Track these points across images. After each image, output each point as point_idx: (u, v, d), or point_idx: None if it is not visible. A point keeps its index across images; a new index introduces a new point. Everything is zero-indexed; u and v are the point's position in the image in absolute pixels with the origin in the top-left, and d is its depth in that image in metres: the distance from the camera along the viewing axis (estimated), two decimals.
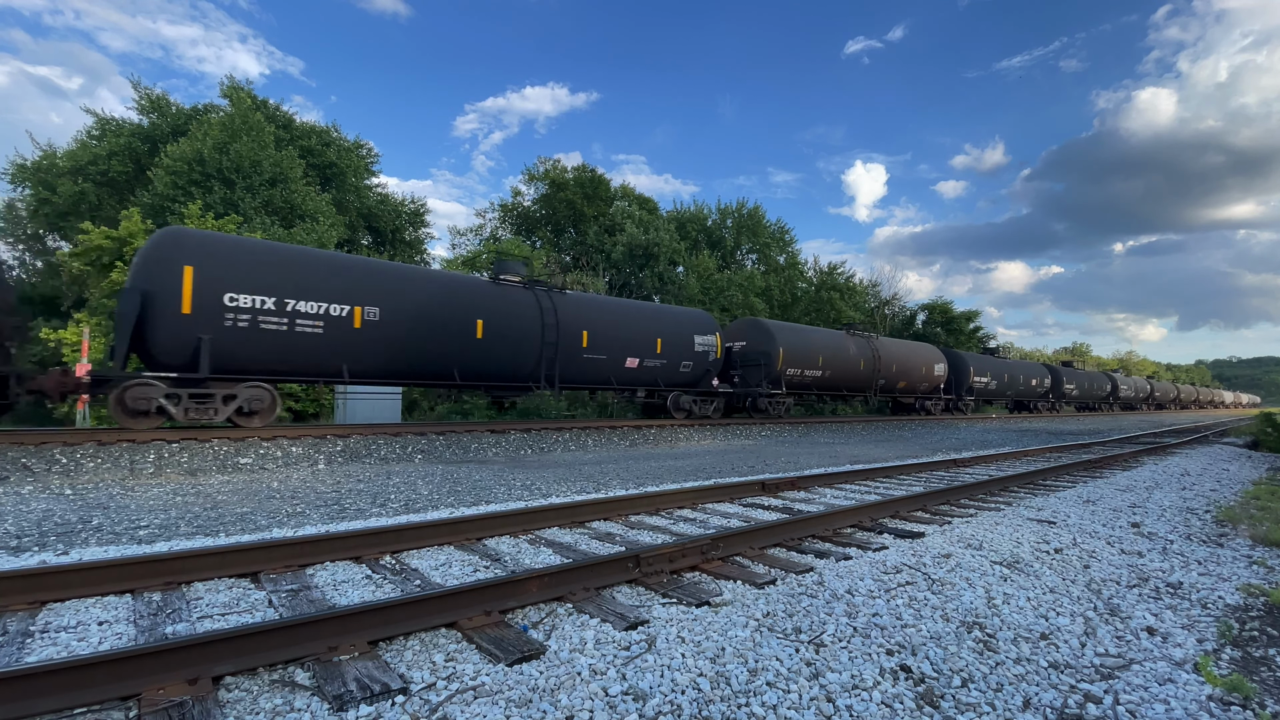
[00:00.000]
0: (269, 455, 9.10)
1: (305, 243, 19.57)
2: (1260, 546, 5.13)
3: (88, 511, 5.62)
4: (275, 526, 5.18)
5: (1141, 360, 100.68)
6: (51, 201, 21.97)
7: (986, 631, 3.05)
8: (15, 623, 2.96)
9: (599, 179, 34.80)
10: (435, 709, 2.17)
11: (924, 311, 44.07)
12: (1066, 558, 4.46)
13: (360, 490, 7.00)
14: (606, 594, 3.45)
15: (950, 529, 5.18)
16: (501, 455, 10.92)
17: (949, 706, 2.36)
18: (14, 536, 4.72)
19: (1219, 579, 4.22)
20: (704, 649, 2.68)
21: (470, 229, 35.23)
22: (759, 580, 3.68)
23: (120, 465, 7.95)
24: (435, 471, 8.61)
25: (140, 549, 4.34)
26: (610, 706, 2.23)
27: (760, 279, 32.52)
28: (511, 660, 2.55)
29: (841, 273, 37.89)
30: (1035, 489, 7.74)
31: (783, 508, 6.25)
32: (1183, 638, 3.20)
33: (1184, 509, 6.66)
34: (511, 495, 6.87)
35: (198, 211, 17.31)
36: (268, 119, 23.38)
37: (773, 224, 38.45)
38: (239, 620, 3.07)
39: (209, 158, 20.02)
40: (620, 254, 31.72)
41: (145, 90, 24.46)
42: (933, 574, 3.83)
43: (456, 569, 3.98)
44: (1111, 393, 46.61)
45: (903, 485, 7.94)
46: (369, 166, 28.67)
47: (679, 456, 11.22)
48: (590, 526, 5.25)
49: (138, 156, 22.98)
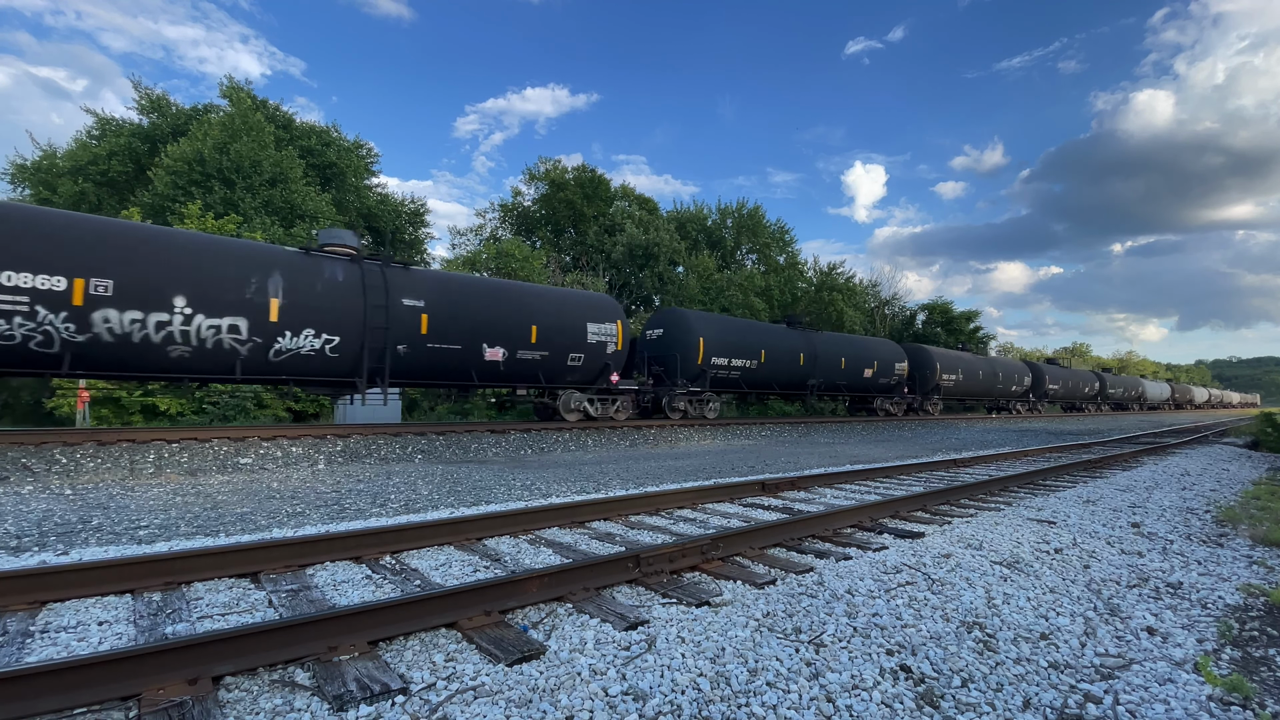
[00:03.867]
0: (269, 455, 9.10)
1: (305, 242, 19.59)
2: (1260, 546, 5.13)
3: (88, 511, 5.62)
4: (275, 526, 5.18)
5: (1141, 360, 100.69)
6: (52, 202, 21.98)
7: (986, 631, 3.04)
8: (15, 623, 2.96)
9: (599, 179, 34.82)
10: (435, 709, 2.17)
11: (924, 312, 44.15)
12: (1066, 558, 4.46)
13: (360, 490, 7.00)
14: (606, 594, 3.45)
15: (950, 529, 5.17)
16: (501, 455, 10.91)
17: (949, 706, 2.36)
18: (14, 536, 4.73)
19: (1219, 579, 4.22)
20: (704, 649, 2.68)
21: (470, 229, 35.30)
22: (759, 580, 3.68)
23: (120, 465, 7.95)
24: (435, 471, 8.61)
25: (140, 549, 4.35)
26: (610, 706, 2.23)
27: (760, 279, 32.53)
28: (511, 660, 2.55)
29: (841, 273, 37.93)
30: (1035, 489, 7.74)
31: (783, 508, 6.25)
32: (1183, 638, 3.20)
33: (1184, 509, 6.66)
34: (511, 495, 6.87)
35: (198, 211, 17.31)
36: (267, 119, 23.39)
37: (772, 224, 38.53)
38: (239, 620, 3.07)
39: (209, 158, 20.03)
40: (620, 254, 31.74)
41: (145, 90, 24.49)
42: (933, 574, 3.83)
43: (456, 569, 3.98)
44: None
45: (903, 485, 7.94)
46: (369, 166, 28.69)
47: (679, 456, 11.22)
48: (590, 526, 5.25)
49: (138, 156, 22.99)
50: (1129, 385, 49.95)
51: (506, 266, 23.31)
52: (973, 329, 43.52)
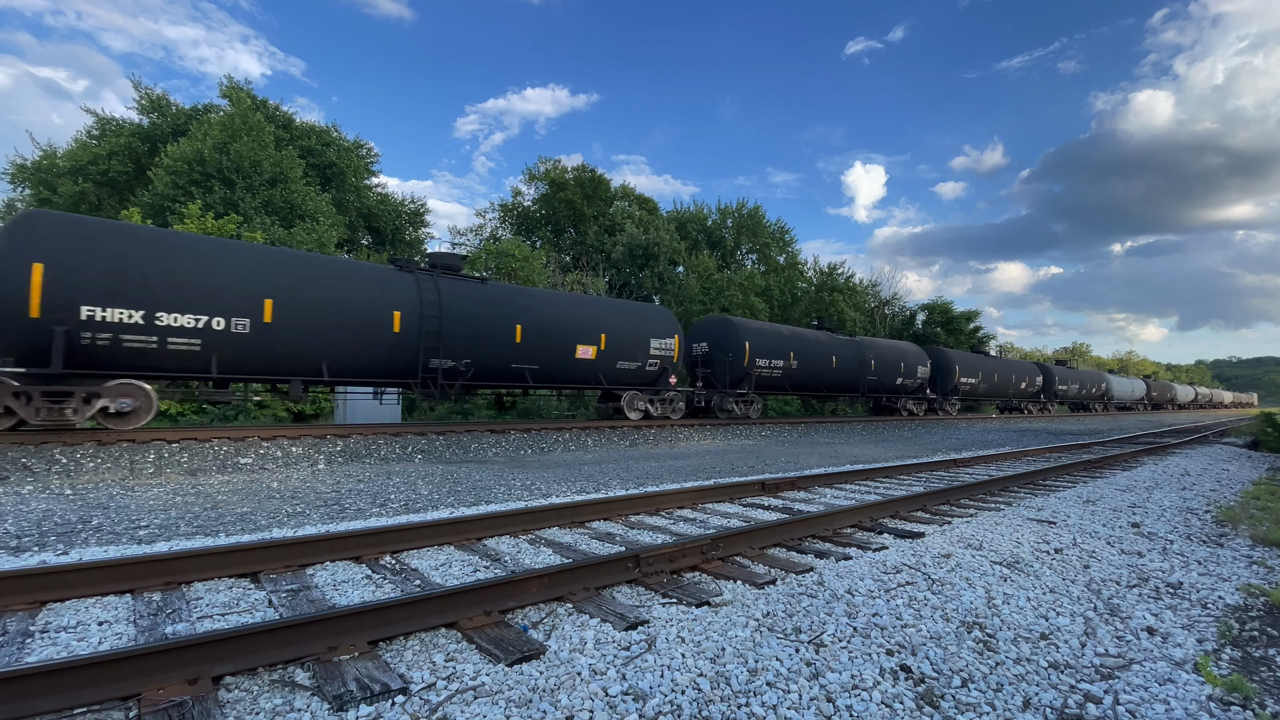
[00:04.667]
0: (269, 455, 9.10)
1: (305, 243, 19.58)
2: (1260, 546, 5.13)
3: (88, 511, 5.62)
4: (275, 526, 5.18)
5: (1141, 360, 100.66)
6: (51, 202, 21.98)
7: (986, 631, 3.04)
8: (15, 623, 2.96)
9: (599, 179, 34.81)
10: (435, 709, 2.17)
11: (924, 312, 44.13)
12: (1066, 558, 4.46)
13: (360, 490, 7.00)
14: (606, 594, 3.45)
15: (950, 529, 5.17)
16: (501, 455, 10.91)
17: (949, 706, 2.36)
18: (14, 536, 4.72)
19: (1219, 579, 4.22)
20: (704, 649, 2.68)
21: (470, 229, 35.31)
22: (759, 580, 3.68)
23: (120, 465, 7.95)
24: (435, 471, 8.61)
25: (140, 549, 4.34)
26: (610, 706, 2.23)
27: (760, 279, 32.52)
28: (511, 660, 2.55)
29: (841, 273, 37.92)
30: (1035, 489, 7.74)
31: (783, 508, 6.25)
32: (1183, 638, 3.20)
33: (1184, 509, 6.66)
34: (511, 495, 6.87)
35: (198, 211, 17.31)
36: (267, 119, 23.38)
37: (772, 224, 38.51)
38: (239, 620, 3.07)
39: (209, 158, 20.02)
40: (620, 254, 31.73)
41: (145, 90, 24.48)
42: (933, 574, 3.83)
43: (456, 569, 3.98)
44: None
45: (903, 485, 7.94)
46: (369, 166, 28.69)
47: (679, 456, 11.22)
48: (590, 526, 5.25)
49: (138, 156, 22.99)
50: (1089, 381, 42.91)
51: (506, 266, 23.30)
52: (973, 329, 43.49)
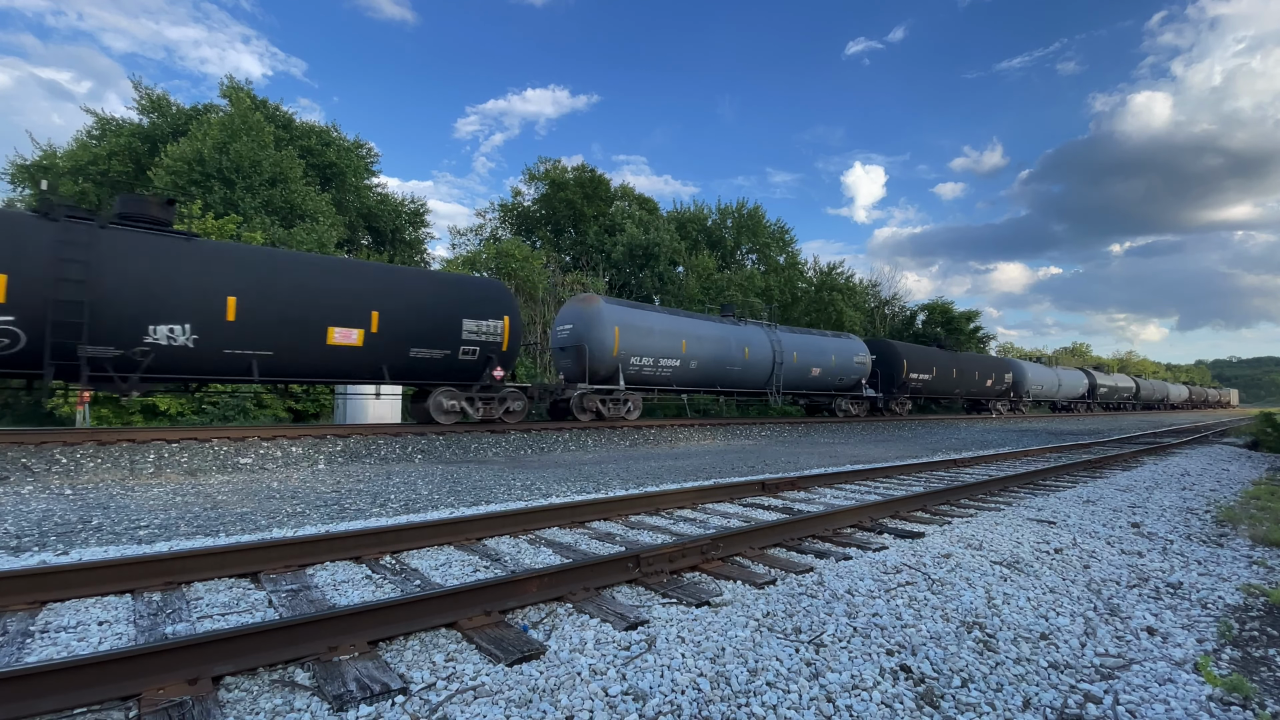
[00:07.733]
0: (269, 455, 9.10)
1: (305, 243, 19.57)
2: (1260, 546, 5.13)
3: (88, 511, 5.62)
4: (275, 526, 5.18)
5: (1141, 360, 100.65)
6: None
7: (986, 631, 3.04)
8: (15, 623, 2.96)
9: (599, 179, 34.81)
10: (435, 709, 2.17)
11: (924, 312, 44.11)
12: (1066, 558, 4.46)
13: (360, 490, 7.00)
14: (606, 594, 3.45)
15: (950, 529, 5.17)
16: (501, 455, 10.91)
17: (949, 706, 2.36)
18: (14, 536, 4.72)
19: (1219, 579, 4.22)
20: (704, 649, 2.68)
21: (470, 229, 35.33)
22: (759, 580, 3.68)
23: (120, 465, 7.95)
24: (435, 471, 8.61)
25: (140, 549, 4.34)
26: (610, 707, 2.23)
27: (760, 279, 32.53)
28: (511, 660, 2.55)
29: (841, 273, 37.91)
30: (1035, 489, 7.74)
31: (783, 508, 6.25)
32: (1183, 638, 3.20)
33: (1184, 509, 6.66)
34: (511, 495, 6.87)
35: (198, 211, 17.31)
36: (267, 119, 23.38)
37: (772, 224, 38.49)
38: (239, 620, 3.07)
39: (209, 158, 20.03)
40: (620, 254, 31.72)
41: (145, 90, 24.49)
42: (933, 574, 3.83)
43: (456, 569, 3.98)
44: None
45: (903, 485, 7.94)
46: (369, 166, 28.70)
47: (679, 456, 11.22)
48: (590, 526, 5.25)
49: (138, 156, 22.99)
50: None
51: (506, 266, 23.31)
52: (973, 329, 43.50)
